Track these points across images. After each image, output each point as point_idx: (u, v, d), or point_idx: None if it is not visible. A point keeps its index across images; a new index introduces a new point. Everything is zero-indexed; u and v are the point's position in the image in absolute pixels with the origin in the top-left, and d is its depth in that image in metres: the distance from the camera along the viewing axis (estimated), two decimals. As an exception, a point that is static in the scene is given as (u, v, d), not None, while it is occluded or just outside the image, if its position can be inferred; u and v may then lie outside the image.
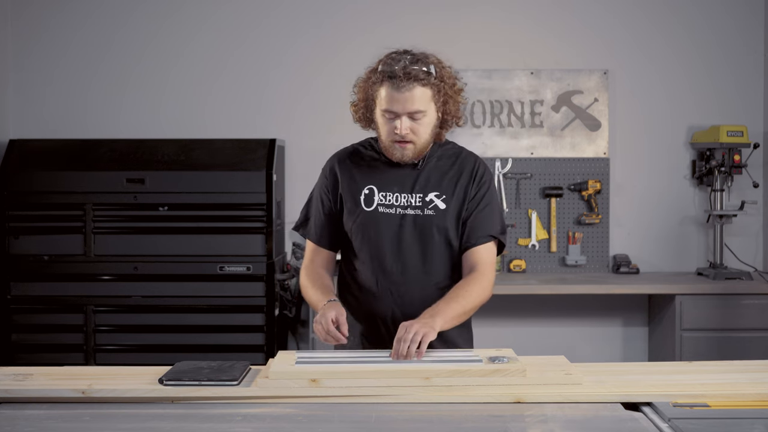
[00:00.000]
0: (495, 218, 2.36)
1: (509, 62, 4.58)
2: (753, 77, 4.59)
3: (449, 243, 2.33)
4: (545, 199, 4.57)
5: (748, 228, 4.61)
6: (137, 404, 1.87)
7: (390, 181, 2.34)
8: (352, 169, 2.38)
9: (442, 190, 2.33)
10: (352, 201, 2.34)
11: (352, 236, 2.35)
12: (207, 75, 4.59)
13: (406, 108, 2.22)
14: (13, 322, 4.08)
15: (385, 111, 2.24)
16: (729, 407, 1.82)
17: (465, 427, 1.73)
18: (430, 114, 2.26)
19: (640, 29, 4.61)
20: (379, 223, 2.31)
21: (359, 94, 2.34)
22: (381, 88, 2.24)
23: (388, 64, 2.24)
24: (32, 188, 4.09)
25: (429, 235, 2.30)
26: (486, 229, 2.33)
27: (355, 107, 2.38)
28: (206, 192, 4.05)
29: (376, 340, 2.34)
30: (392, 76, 2.21)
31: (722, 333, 4.04)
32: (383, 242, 2.31)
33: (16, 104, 4.57)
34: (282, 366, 1.95)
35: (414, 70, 2.21)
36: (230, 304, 4.06)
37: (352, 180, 2.36)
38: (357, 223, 2.33)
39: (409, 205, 2.32)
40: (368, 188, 2.34)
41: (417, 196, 2.32)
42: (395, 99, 2.21)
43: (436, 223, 2.31)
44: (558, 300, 4.53)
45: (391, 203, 2.32)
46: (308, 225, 2.43)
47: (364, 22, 4.59)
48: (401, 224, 2.31)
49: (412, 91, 2.20)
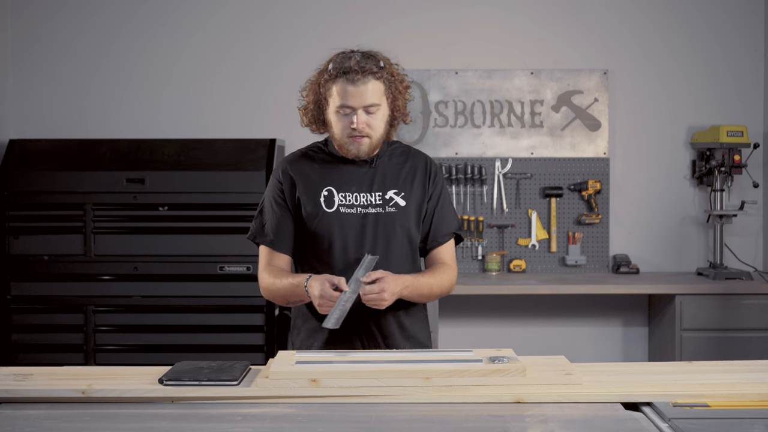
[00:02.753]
0: (452, 214, 2.45)
1: (509, 62, 4.58)
2: (753, 77, 4.59)
3: (410, 239, 2.37)
4: (545, 199, 4.57)
5: (748, 228, 4.61)
6: (137, 404, 1.87)
7: (347, 180, 2.35)
8: (306, 171, 2.37)
9: (399, 187, 2.36)
10: (312, 203, 2.33)
11: (314, 238, 2.33)
12: (207, 75, 4.59)
13: (362, 101, 2.25)
14: (13, 322, 4.08)
15: (340, 107, 2.27)
16: (729, 407, 1.82)
17: (465, 427, 1.73)
18: (383, 108, 2.30)
19: (640, 29, 4.61)
20: (341, 224, 2.31)
21: (309, 96, 2.36)
22: (334, 85, 2.27)
23: (340, 61, 2.28)
24: (32, 188, 4.09)
25: (392, 233, 2.33)
26: (447, 227, 2.42)
27: (304, 110, 2.39)
28: (206, 192, 4.05)
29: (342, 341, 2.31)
30: (346, 71, 2.24)
31: (722, 333, 4.04)
32: (347, 242, 2.31)
33: (16, 104, 4.57)
34: (282, 366, 1.95)
35: (368, 64, 2.26)
36: (230, 304, 4.06)
37: (309, 182, 2.35)
38: (319, 225, 2.32)
39: (369, 204, 2.33)
40: (327, 189, 2.34)
41: (377, 195, 2.34)
42: (350, 93, 2.25)
43: (397, 221, 2.33)
44: (558, 300, 4.53)
45: (352, 203, 2.33)
46: (263, 232, 2.38)
47: (364, 22, 4.59)
48: (363, 223, 2.32)
49: (367, 84, 2.25)
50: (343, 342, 2.31)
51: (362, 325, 2.32)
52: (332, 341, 2.31)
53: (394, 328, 2.35)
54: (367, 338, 2.34)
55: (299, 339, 2.40)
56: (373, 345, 2.34)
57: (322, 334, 2.32)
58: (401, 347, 2.34)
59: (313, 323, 2.35)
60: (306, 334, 2.38)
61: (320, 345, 2.34)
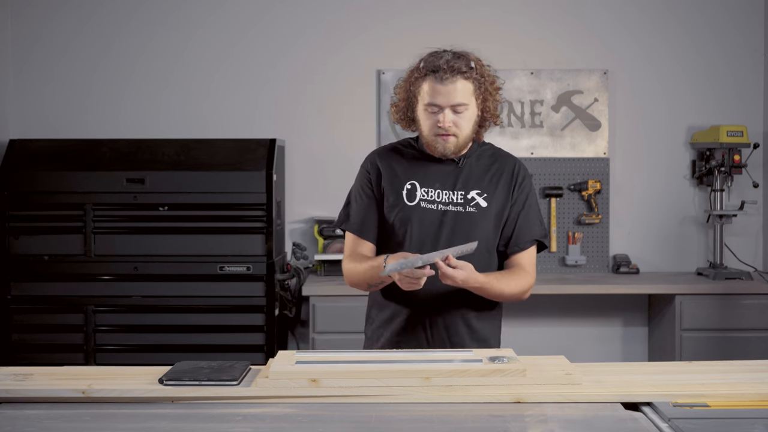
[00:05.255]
0: (537, 221, 2.41)
1: (509, 62, 4.58)
2: (753, 77, 4.60)
3: (487, 241, 2.35)
4: (545, 199, 4.57)
5: (748, 228, 4.61)
6: (137, 404, 1.87)
7: (431, 177, 2.36)
8: (393, 164, 2.40)
9: (483, 188, 2.36)
10: (394, 195, 2.36)
11: (393, 230, 2.36)
12: (207, 75, 4.59)
13: (449, 100, 2.27)
14: (13, 322, 4.08)
15: (429, 105, 2.29)
16: (729, 407, 1.82)
17: (465, 427, 1.73)
18: (471, 108, 2.31)
19: (640, 29, 4.61)
20: (420, 218, 2.33)
21: (400, 93, 2.39)
22: (424, 83, 2.30)
23: (431, 60, 2.30)
24: (32, 188, 4.09)
25: (469, 233, 2.32)
26: (531, 233, 2.40)
27: (396, 107, 2.42)
28: (206, 192, 4.05)
29: (410, 339, 2.34)
30: (436, 70, 2.27)
31: (722, 333, 4.04)
32: (424, 237, 2.32)
33: (16, 104, 4.57)
34: (282, 366, 1.95)
35: (457, 64, 2.27)
36: (230, 304, 4.06)
37: (395, 175, 2.39)
38: (399, 217, 2.35)
39: (450, 202, 2.35)
40: (410, 183, 2.37)
41: (459, 193, 2.35)
42: (439, 92, 2.27)
43: (476, 221, 2.33)
44: (558, 300, 4.53)
45: (433, 199, 2.35)
46: (349, 220, 2.43)
47: (364, 21, 4.59)
48: (442, 220, 2.33)
49: (455, 83, 2.27)
50: (410, 335, 2.33)
51: (430, 321, 2.33)
52: (402, 332, 2.35)
53: (461, 329, 2.35)
54: (434, 336, 2.35)
55: (371, 329, 2.44)
56: (438, 343, 2.34)
57: (393, 324, 2.36)
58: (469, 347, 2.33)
59: (386, 313, 2.38)
60: (378, 323, 2.41)
61: (389, 336, 2.37)
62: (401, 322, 2.36)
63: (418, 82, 2.32)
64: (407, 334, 2.35)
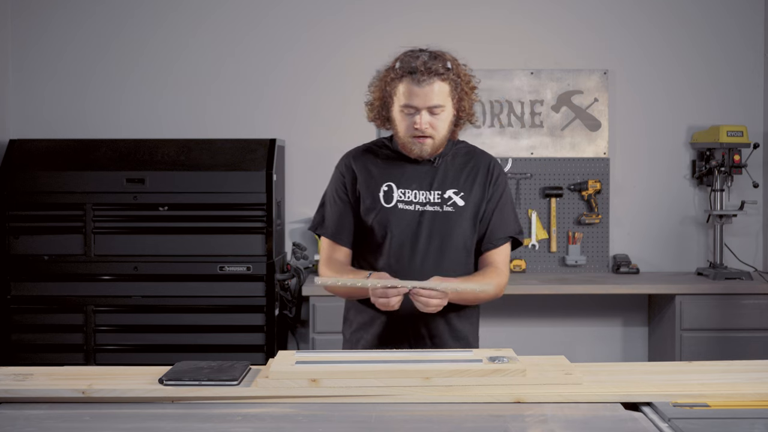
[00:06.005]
0: (511, 217, 2.41)
1: (509, 62, 4.58)
2: (753, 77, 4.60)
3: (465, 239, 2.35)
4: (545, 199, 4.57)
5: (748, 228, 4.61)
6: (137, 404, 1.87)
7: (408, 177, 2.35)
8: (368, 165, 2.39)
9: (459, 187, 2.36)
10: (370, 197, 2.35)
11: (371, 232, 2.35)
12: (207, 75, 4.59)
13: (426, 102, 2.25)
14: (13, 322, 4.08)
15: (405, 106, 2.27)
16: (729, 407, 1.82)
17: (465, 427, 1.73)
18: (447, 109, 2.29)
19: (640, 29, 4.61)
20: (399, 220, 2.32)
21: (375, 92, 2.36)
22: (400, 84, 2.27)
23: (407, 61, 2.27)
24: (32, 188, 4.09)
25: (447, 232, 2.32)
26: (504, 230, 2.39)
27: (370, 106, 2.39)
28: (206, 192, 4.05)
29: (392, 338, 2.34)
30: (412, 71, 2.24)
31: (722, 333, 4.04)
32: (403, 238, 2.32)
33: (16, 104, 4.57)
34: (282, 366, 1.94)
35: (434, 65, 2.25)
36: (230, 304, 4.06)
37: (370, 176, 2.37)
38: (377, 220, 2.33)
39: (427, 202, 2.34)
40: (387, 185, 2.35)
41: (435, 193, 2.34)
42: (415, 93, 2.24)
43: (454, 220, 2.33)
44: (558, 300, 4.53)
45: (410, 200, 2.34)
46: (324, 224, 2.42)
47: (364, 21, 4.59)
48: (420, 221, 2.32)
49: (432, 85, 2.24)
50: (391, 337, 2.33)
51: (412, 322, 2.32)
52: (382, 335, 2.34)
53: (442, 328, 2.35)
54: (415, 337, 2.34)
55: (350, 331, 2.43)
56: (420, 344, 2.34)
57: (373, 327, 2.35)
58: (449, 347, 2.34)
59: (365, 316, 2.37)
60: (357, 326, 2.40)
61: (370, 338, 2.36)
62: (381, 324, 2.35)
63: (394, 83, 2.28)
64: (388, 336, 2.34)
